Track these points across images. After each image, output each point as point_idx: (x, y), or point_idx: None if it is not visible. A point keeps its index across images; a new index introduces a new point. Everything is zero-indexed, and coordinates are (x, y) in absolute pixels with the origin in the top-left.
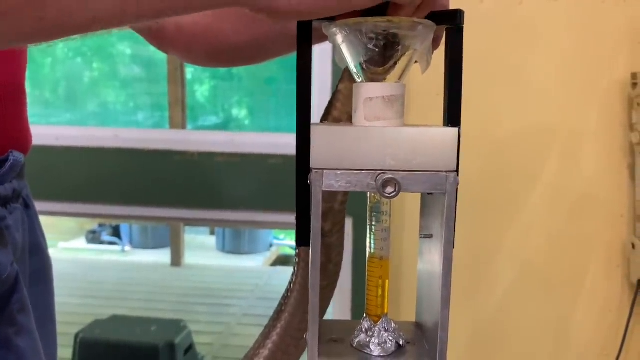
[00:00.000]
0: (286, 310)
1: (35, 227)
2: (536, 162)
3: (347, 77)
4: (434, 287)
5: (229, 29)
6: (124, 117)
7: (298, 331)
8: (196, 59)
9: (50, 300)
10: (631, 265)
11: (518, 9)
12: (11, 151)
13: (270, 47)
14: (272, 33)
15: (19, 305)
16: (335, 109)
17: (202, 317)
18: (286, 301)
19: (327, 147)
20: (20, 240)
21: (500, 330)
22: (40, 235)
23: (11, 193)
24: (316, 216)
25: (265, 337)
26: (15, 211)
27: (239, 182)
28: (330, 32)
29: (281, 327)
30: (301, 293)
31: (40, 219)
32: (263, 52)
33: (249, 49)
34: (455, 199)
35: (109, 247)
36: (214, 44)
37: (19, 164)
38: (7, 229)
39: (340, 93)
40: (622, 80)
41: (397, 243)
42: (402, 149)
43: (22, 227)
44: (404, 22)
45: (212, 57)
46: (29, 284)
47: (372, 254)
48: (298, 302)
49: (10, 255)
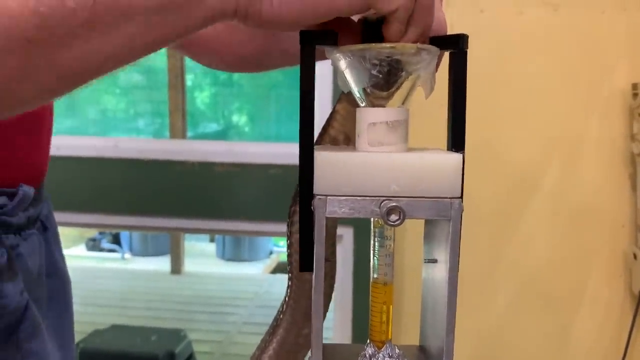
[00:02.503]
0: (281, 325)
1: (52, 248)
2: (537, 172)
3: (345, 98)
4: (438, 312)
5: (235, 40)
6: (124, 124)
7: (295, 345)
8: (208, 62)
9: (68, 321)
10: (633, 276)
11: (519, 19)
12: (21, 185)
13: (273, 58)
14: (272, 45)
15: (29, 330)
16: (332, 128)
17: (202, 326)
18: (281, 316)
19: (330, 173)
20: (36, 264)
21: (502, 340)
22: (58, 254)
23: (25, 221)
24: (320, 242)
25: (262, 352)
26: (31, 237)
27: (239, 191)
28: (333, 57)
29: (277, 342)
30: (294, 308)
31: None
32: (268, 62)
33: (255, 59)
34: (459, 225)
35: (109, 254)
36: (224, 51)
37: (29, 198)
38: (18, 257)
39: (338, 113)
40: (623, 91)
41: (399, 265)
42: (406, 174)
43: (39, 251)
44: (408, 48)
45: (223, 61)
46: (46, 307)
47: (376, 279)
48: (293, 314)
49: (19, 285)
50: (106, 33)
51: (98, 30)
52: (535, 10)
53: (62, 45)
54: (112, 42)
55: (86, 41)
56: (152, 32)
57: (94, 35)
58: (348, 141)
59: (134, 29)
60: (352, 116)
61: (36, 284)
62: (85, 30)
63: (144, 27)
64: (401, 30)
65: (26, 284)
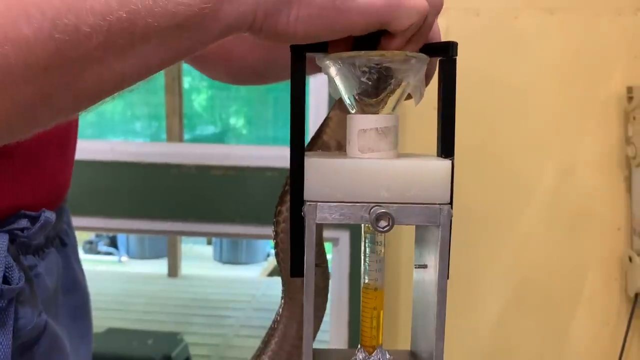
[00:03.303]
0: (281, 321)
1: (71, 263)
2: (532, 175)
3: (338, 105)
4: (428, 317)
5: (236, 52)
6: (121, 126)
7: (297, 339)
8: (214, 76)
9: (88, 337)
10: (628, 279)
11: (514, 22)
12: (43, 211)
13: (273, 70)
14: (271, 57)
15: (47, 344)
16: (324, 134)
17: (199, 329)
18: (275, 325)
19: (321, 179)
20: (54, 282)
21: (497, 344)
22: (78, 269)
23: (44, 241)
24: (310, 248)
25: (262, 351)
26: (49, 255)
27: (236, 194)
28: (323, 64)
29: (278, 337)
30: (290, 305)
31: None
32: (268, 75)
33: (256, 71)
34: (449, 231)
35: (105, 257)
36: (229, 63)
37: (50, 224)
38: (36, 278)
39: (331, 120)
40: (618, 94)
41: (395, 271)
42: (396, 181)
43: (56, 268)
44: (397, 55)
45: (227, 74)
46: (67, 323)
47: (367, 285)
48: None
49: (37, 306)
50: (121, 54)
51: (113, 52)
52: (531, 14)
53: (79, 69)
54: (128, 62)
55: (101, 63)
56: (168, 50)
57: (109, 57)
58: (340, 147)
59: (149, 49)
60: (345, 123)
61: (54, 302)
62: (100, 53)
63: (159, 47)
64: (402, 44)
65: (44, 302)
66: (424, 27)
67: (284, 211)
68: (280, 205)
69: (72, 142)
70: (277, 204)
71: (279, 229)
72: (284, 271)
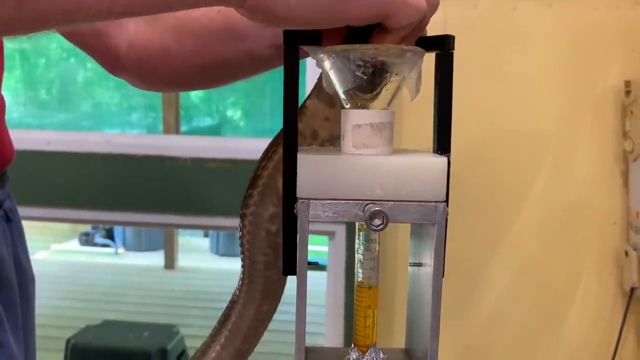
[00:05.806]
0: (239, 302)
1: (15, 243)
2: (529, 169)
3: (315, 93)
4: (423, 316)
5: (188, 49)
6: (117, 118)
7: (254, 321)
8: (151, 82)
9: (29, 318)
10: (624, 273)
11: (512, 15)
12: None
13: (235, 68)
14: (238, 52)
15: None
16: (300, 122)
17: (195, 321)
18: (237, 294)
19: (313, 176)
20: (4, 251)
21: (492, 337)
22: (22, 251)
23: None
24: (303, 246)
25: (218, 330)
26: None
27: (232, 187)
28: (318, 57)
29: (235, 317)
30: (249, 285)
31: (25, 229)
32: (227, 73)
33: (211, 70)
34: (444, 229)
35: (102, 249)
36: (171, 65)
37: None
38: None
39: (307, 109)
40: (616, 88)
41: (392, 267)
42: (391, 178)
43: (3, 237)
44: (392, 49)
45: (169, 79)
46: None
47: (360, 283)
48: (249, 291)
49: None
50: None
51: None
52: (529, 6)
53: None
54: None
55: None
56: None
57: None
58: (315, 136)
59: None
60: (321, 112)
61: (3, 271)
62: None
63: None
64: (397, 41)
65: None
66: (418, 28)
67: (255, 194)
68: (252, 188)
69: (1, 114)
70: (248, 187)
71: (248, 212)
72: (247, 252)
